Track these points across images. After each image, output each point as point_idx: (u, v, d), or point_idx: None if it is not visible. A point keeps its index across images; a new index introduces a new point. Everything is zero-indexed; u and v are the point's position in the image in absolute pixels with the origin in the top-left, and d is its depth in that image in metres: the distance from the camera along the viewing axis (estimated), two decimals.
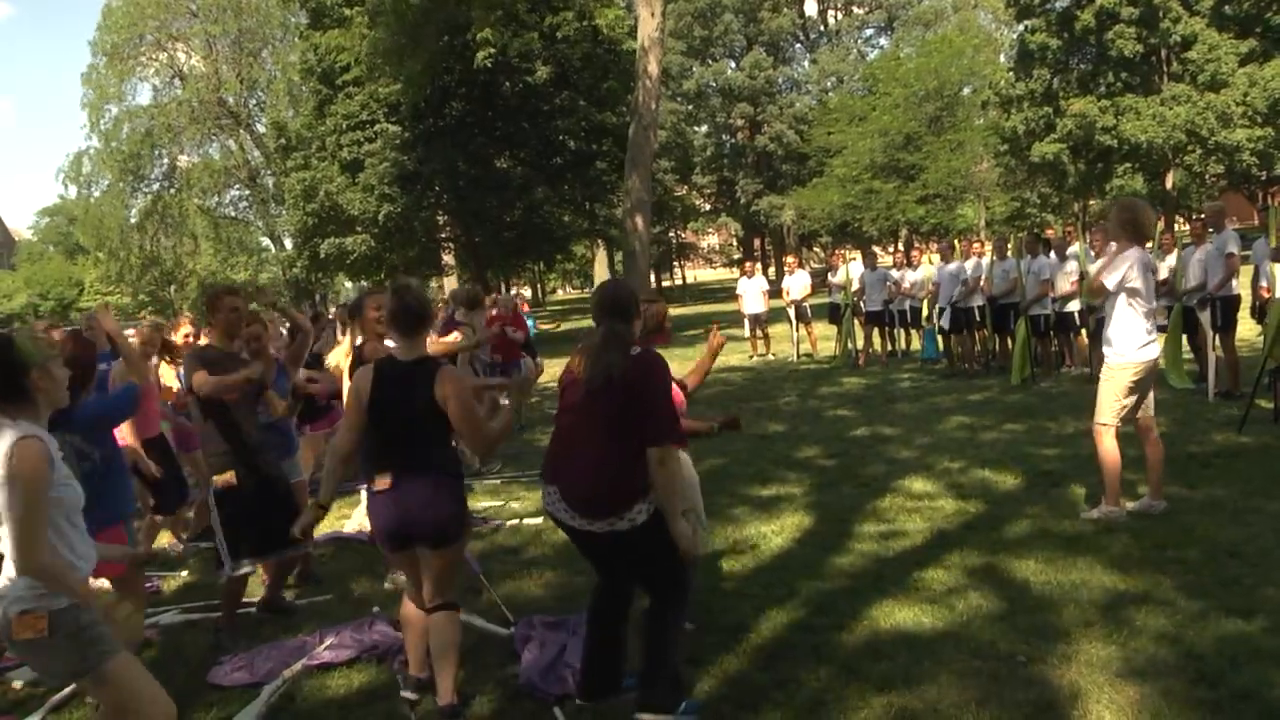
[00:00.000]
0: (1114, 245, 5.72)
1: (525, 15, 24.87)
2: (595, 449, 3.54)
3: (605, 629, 3.83)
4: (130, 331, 7.56)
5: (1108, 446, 5.70)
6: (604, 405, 3.55)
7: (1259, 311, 9.47)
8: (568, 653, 4.24)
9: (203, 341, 6.29)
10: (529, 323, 14.55)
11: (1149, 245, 6.01)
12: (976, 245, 13.25)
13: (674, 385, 4.18)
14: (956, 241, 13.56)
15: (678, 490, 3.65)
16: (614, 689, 3.83)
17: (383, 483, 3.75)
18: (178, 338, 7.62)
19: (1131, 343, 5.58)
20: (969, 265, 12.70)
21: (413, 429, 3.74)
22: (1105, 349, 5.74)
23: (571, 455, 3.63)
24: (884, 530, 5.96)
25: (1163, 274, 9.30)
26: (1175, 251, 9.97)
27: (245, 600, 5.41)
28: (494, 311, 11.19)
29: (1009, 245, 12.47)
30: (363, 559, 6.38)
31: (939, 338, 13.44)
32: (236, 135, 48.80)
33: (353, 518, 7.22)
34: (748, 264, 18.82)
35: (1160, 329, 7.17)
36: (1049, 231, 14.27)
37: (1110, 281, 5.55)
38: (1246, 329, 9.82)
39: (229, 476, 4.94)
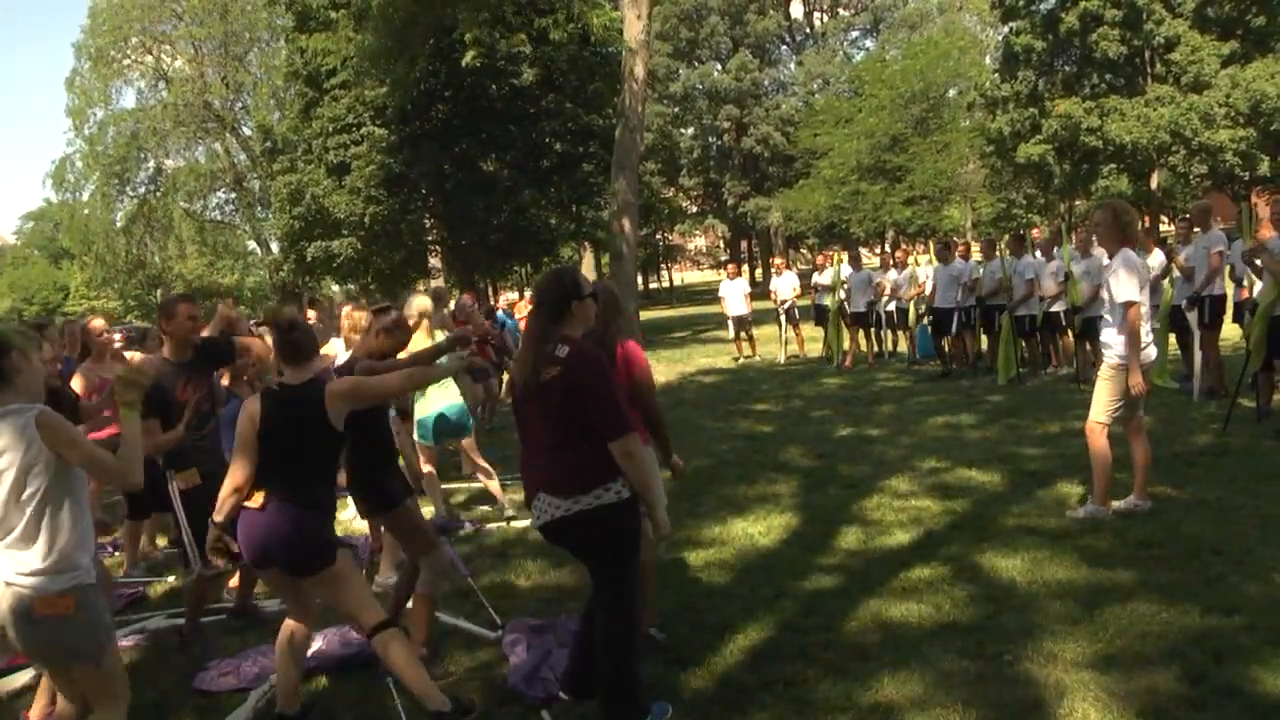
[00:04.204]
0: (1103, 251, 5.73)
1: (513, 17, 24.84)
2: (550, 442, 3.53)
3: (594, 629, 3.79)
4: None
5: (1101, 445, 5.72)
6: (542, 406, 3.52)
7: (1237, 311, 9.53)
8: (552, 658, 4.22)
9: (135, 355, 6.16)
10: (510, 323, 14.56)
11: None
12: (960, 246, 13.30)
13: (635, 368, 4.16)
14: (951, 241, 13.56)
15: (649, 476, 3.62)
16: (596, 688, 3.78)
17: (255, 501, 3.79)
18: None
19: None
20: (960, 265, 12.74)
21: (299, 455, 3.79)
22: (1105, 350, 5.75)
23: (536, 454, 3.62)
24: (870, 530, 5.98)
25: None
26: (1155, 250, 10.04)
27: (216, 607, 5.38)
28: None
29: (997, 247, 12.53)
30: None
31: (932, 338, 13.47)
32: (222, 139, 48.58)
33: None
34: (730, 266, 18.83)
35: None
36: (1035, 232, 14.26)
37: (1132, 292, 5.51)
38: (1228, 328, 9.89)
39: (192, 476, 4.87)
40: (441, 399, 6.96)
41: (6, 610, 3.05)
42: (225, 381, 5.64)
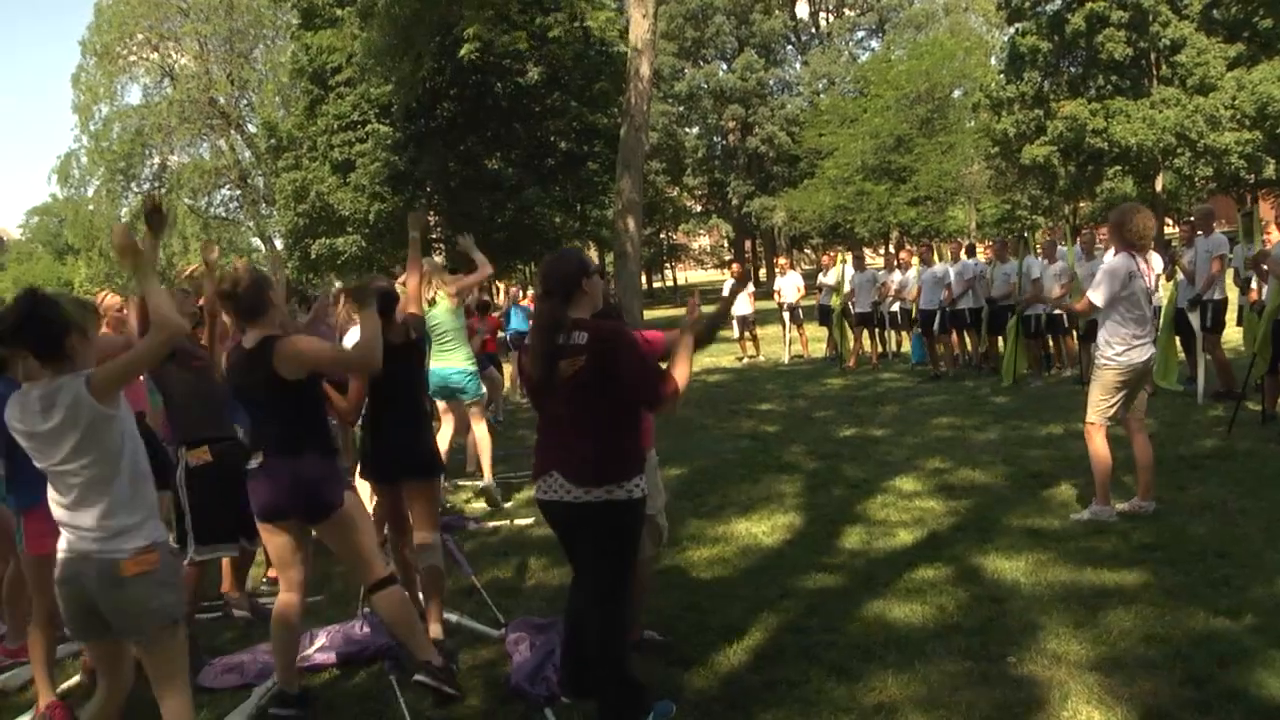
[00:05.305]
0: (1111, 251, 5.81)
1: (516, 16, 24.87)
2: (582, 428, 3.45)
3: (582, 627, 3.73)
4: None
5: (1097, 446, 5.75)
6: (571, 399, 3.45)
7: (1242, 314, 9.55)
8: (555, 657, 4.20)
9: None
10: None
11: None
12: (950, 246, 13.36)
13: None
14: (936, 244, 13.70)
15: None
16: (593, 687, 3.73)
17: (254, 461, 3.95)
18: None
19: (1118, 345, 5.63)
20: (953, 269, 12.75)
21: (267, 408, 3.94)
22: (1095, 350, 5.82)
23: (562, 439, 3.51)
24: (874, 531, 5.97)
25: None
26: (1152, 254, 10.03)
27: (208, 604, 5.35)
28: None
29: (1009, 248, 12.54)
30: None
31: (924, 340, 13.50)
32: (227, 135, 48.62)
33: None
34: (734, 266, 18.85)
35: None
36: (1043, 234, 14.31)
37: (1098, 298, 5.62)
38: (1231, 330, 9.89)
39: (203, 453, 4.68)
40: (444, 361, 7.41)
41: (95, 579, 3.06)
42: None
